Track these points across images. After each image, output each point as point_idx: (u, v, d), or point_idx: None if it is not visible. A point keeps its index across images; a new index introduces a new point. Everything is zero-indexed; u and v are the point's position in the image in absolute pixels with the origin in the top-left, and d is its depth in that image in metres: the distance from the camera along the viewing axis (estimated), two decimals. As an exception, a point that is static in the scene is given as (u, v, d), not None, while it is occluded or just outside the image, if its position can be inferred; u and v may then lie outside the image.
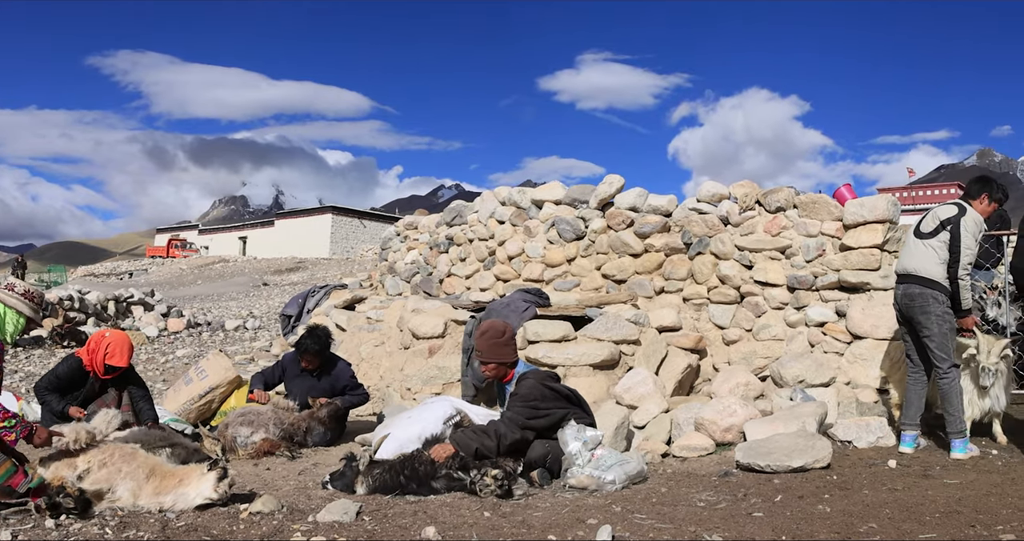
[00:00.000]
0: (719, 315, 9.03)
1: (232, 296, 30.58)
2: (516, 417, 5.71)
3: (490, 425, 5.71)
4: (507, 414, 5.78)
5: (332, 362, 8.09)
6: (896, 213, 8.30)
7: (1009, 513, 4.66)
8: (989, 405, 6.80)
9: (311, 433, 7.44)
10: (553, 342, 8.25)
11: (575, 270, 10.32)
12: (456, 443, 5.55)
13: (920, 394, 6.67)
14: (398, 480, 5.38)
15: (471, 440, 5.57)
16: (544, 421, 5.80)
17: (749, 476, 5.80)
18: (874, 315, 7.90)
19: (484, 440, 5.58)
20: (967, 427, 6.46)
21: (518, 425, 5.69)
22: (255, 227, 75.21)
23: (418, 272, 12.42)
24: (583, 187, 10.68)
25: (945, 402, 6.39)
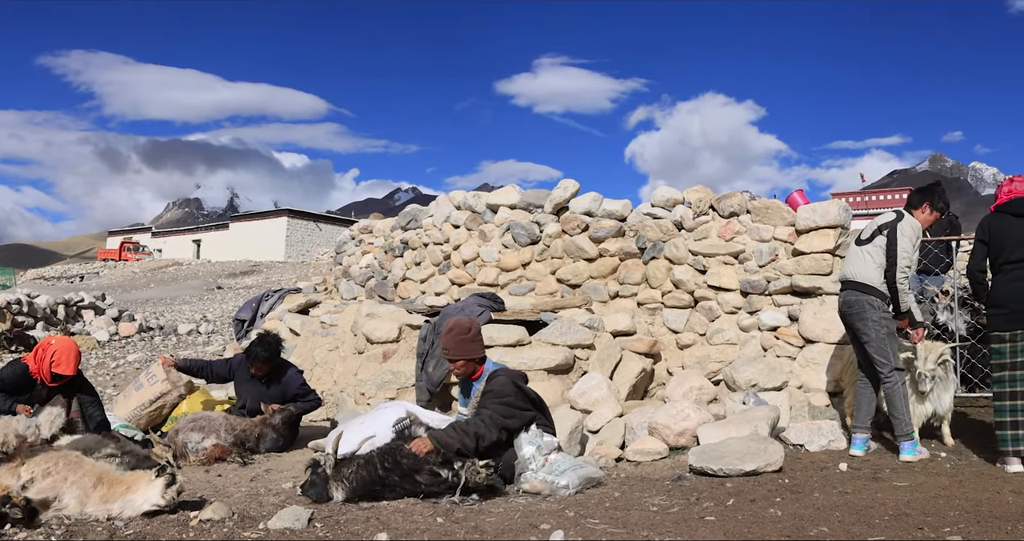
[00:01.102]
0: (673, 319, 9.07)
1: (185, 300, 30.27)
2: (495, 417, 5.66)
3: (470, 424, 5.63)
4: (484, 413, 5.70)
5: (282, 368, 8.01)
6: (848, 218, 8.38)
7: (956, 515, 4.73)
8: (931, 409, 6.92)
9: (263, 439, 7.37)
10: (508, 347, 8.24)
11: (530, 274, 10.32)
12: (437, 441, 5.46)
13: (870, 398, 6.77)
14: (377, 474, 5.30)
15: (451, 439, 5.50)
16: (517, 422, 5.78)
17: (702, 480, 5.83)
18: (826, 319, 7.97)
19: (464, 439, 5.52)
20: (915, 429, 6.54)
21: (496, 425, 5.67)
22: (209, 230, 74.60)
23: (373, 276, 12.36)
24: (538, 192, 10.69)
25: (889, 405, 6.48)
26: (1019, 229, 6.20)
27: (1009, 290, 6.15)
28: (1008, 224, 6.26)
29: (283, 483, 5.99)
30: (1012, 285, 6.15)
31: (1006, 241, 6.22)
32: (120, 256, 68.39)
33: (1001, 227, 6.29)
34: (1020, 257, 6.14)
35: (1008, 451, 6.11)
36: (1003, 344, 6.21)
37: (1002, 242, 6.24)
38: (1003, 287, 6.20)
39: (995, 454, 6.42)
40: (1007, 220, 6.29)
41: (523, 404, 5.86)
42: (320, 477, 5.35)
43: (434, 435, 5.53)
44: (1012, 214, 6.29)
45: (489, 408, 5.71)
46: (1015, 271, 6.16)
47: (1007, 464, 6.10)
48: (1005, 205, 6.36)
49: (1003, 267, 6.23)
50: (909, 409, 6.52)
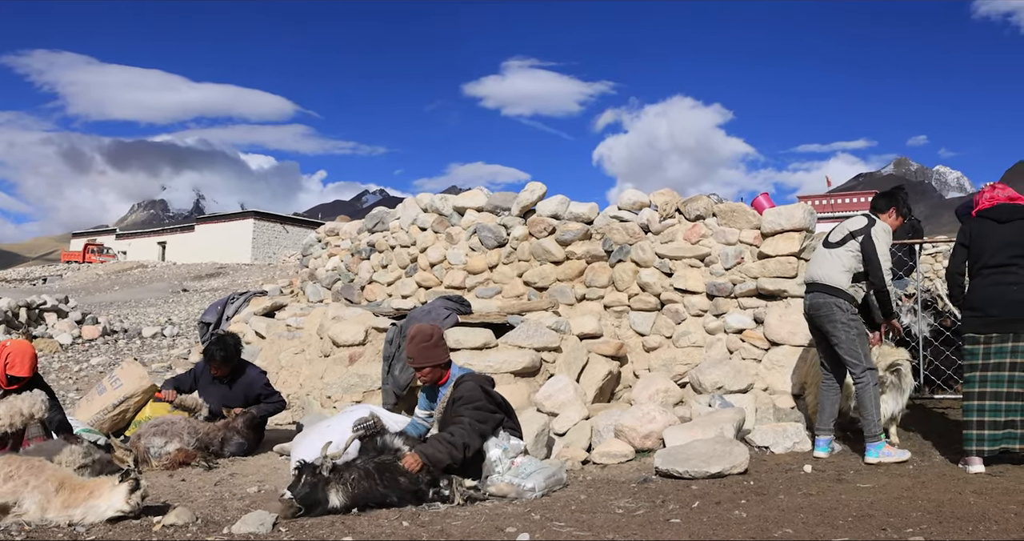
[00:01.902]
0: (640, 322, 9.09)
1: (150, 302, 29.98)
2: (474, 424, 5.65)
3: (455, 435, 5.57)
4: (464, 421, 5.66)
5: (244, 370, 7.95)
6: (812, 222, 8.44)
7: (919, 516, 4.76)
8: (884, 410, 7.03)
9: (227, 443, 7.31)
10: (474, 350, 8.22)
11: (497, 277, 10.31)
12: (427, 457, 5.39)
13: (834, 400, 6.82)
14: (379, 490, 5.21)
15: (441, 454, 5.45)
16: (490, 427, 5.77)
17: (668, 482, 5.85)
18: (791, 322, 8.03)
19: (453, 452, 5.49)
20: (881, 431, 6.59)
21: (477, 432, 5.65)
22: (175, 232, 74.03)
23: (339, 279, 12.30)
24: (505, 194, 10.68)
25: (860, 406, 6.52)
26: (1000, 235, 6.32)
27: (987, 294, 6.27)
28: (990, 229, 6.38)
29: (248, 487, 5.95)
30: (990, 289, 6.26)
31: (987, 245, 6.33)
32: (84, 258, 67.69)
33: (983, 232, 6.41)
34: (999, 262, 6.26)
35: (971, 451, 6.19)
36: (976, 345, 6.32)
37: (983, 246, 6.35)
38: (981, 291, 6.31)
39: (958, 455, 6.51)
40: (989, 225, 6.40)
41: (492, 407, 5.86)
42: (317, 478, 5.12)
43: (423, 452, 5.43)
44: (994, 220, 6.40)
45: (466, 416, 5.68)
46: (994, 275, 6.27)
47: (969, 464, 6.18)
48: (988, 210, 6.47)
49: (982, 271, 6.34)
50: (879, 410, 6.56)
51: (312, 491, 5.04)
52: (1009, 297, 6.19)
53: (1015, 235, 6.30)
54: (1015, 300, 6.18)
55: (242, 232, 65.09)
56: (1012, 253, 6.25)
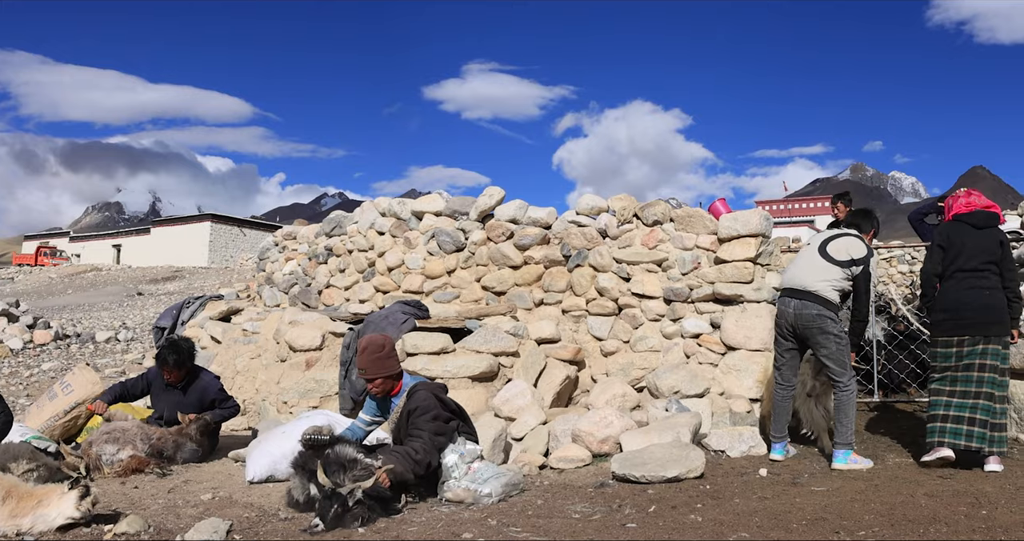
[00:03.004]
0: (597, 327, 9.11)
1: (104, 306, 29.61)
2: (434, 438, 5.62)
3: (418, 452, 5.51)
4: (422, 434, 5.62)
5: (198, 375, 7.85)
6: (768, 227, 8.51)
7: (871, 518, 4.82)
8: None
9: (181, 449, 7.21)
10: (432, 354, 8.20)
11: (455, 282, 10.29)
12: (395, 475, 5.32)
13: (788, 407, 6.89)
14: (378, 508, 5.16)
15: (408, 474, 5.42)
16: (447, 439, 5.76)
17: (625, 487, 5.86)
18: (747, 327, 8.09)
19: (416, 469, 5.47)
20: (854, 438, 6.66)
21: (435, 446, 5.63)
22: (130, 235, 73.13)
23: (296, 283, 12.22)
24: (463, 199, 10.67)
25: (840, 413, 6.55)
26: (977, 240, 6.51)
27: (961, 297, 6.45)
28: (967, 234, 6.56)
29: (202, 494, 5.88)
30: (965, 293, 6.45)
31: (964, 249, 6.51)
32: (36, 261, 66.68)
33: (960, 236, 6.58)
34: (974, 266, 6.45)
35: (934, 442, 6.39)
36: (949, 349, 6.52)
37: (960, 249, 6.52)
38: (955, 294, 6.50)
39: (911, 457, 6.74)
40: (966, 230, 6.59)
41: (448, 415, 5.85)
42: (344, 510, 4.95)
43: (394, 469, 5.34)
44: (972, 225, 6.59)
45: (424, 429, 5.64)
46: (969, 279, 6.46)
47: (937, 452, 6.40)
48: (966, 215, 6.66)
49: (956, 274, 6.52)
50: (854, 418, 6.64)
51: (339, 520, 4.90)
52: (982, 301, 6.40)
53: (990, 242, 6.51)
54: (987, 304, 6.39)
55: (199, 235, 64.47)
56: (986, 259, 6.46)
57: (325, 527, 4.79)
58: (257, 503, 5.61)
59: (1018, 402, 7.32)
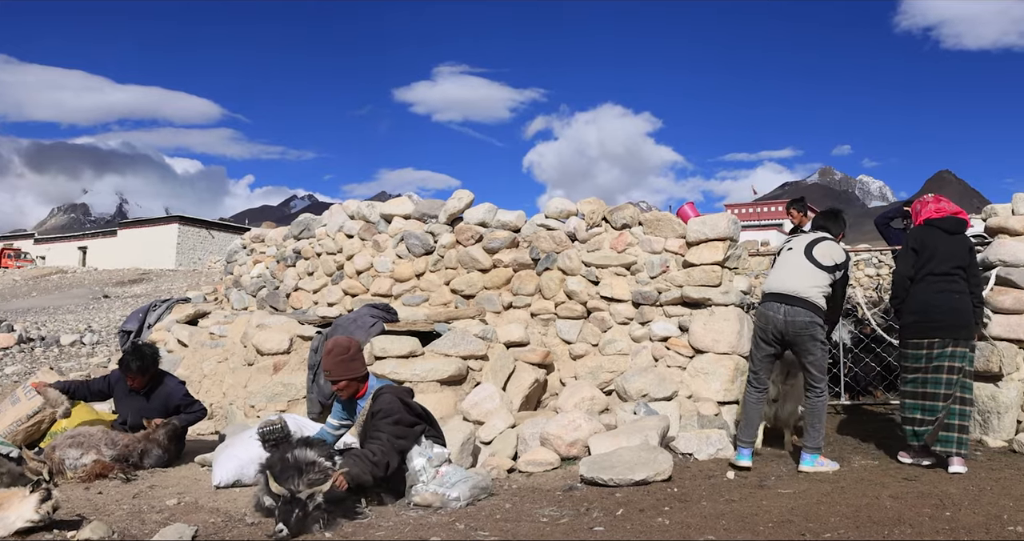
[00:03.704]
0: (566, 330, 9.12)
1: (70, 309, 29.28)
2: (392, 440, 5.61)
3: (376, 454, 5.50)
4: (382, 436, 5.61)
5: (162, 380, 7.76)
6: (736, 231, 8.56)
7: (837, 520, 4.86)
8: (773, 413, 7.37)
9: (147, 454, 7.12)
10: (400, 358, 8.18)
11: (424, 285, 10.27)
12: (351, 478, 5.30)
13: (760, 412, 6.90)
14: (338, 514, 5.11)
15: (365, 475, 5.39)
16: (410, 442, 5.74)
17: (593, 490, 5.87)
18: (715, 330, 8.12)
19: (375, 470, 5.45)
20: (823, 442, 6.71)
21: (395, 449, 5.61)
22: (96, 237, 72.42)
23: (264, 286, 12.15)
24: (432, 202, 10.66)
25: (813, 418, 6.58)
26: (948, 245, 6.68)
27: (931, 300, 6.60)
28: (939, 238, 6.72)
29: (167, 499, 5.82)
30: (935, 296, 6.60)
31: (936, 253, 6.66)
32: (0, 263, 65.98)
33: (932, 240, 6.73)
34: (945, 271, 6.61)
35: (913, 445, 6.66)
36: (920, 351, 6.66)
37: (932, 253, 6.67)
38: (925, 296, 6.64)
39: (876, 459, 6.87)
40: (938, 234, 6.74)
41: (412, 419, 5.83)
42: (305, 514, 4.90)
43: (350, 472, 5.33)
44: (944, 230, 6.75)
45: (385, 431, 5.63)
46: (939, 283, 6.61)
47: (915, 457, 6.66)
48: (938, 221, 6.82)
49: (927, 277, 6.65)
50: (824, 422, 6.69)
51: (302, 524, 4.86)
52: (951, 304, 6.57)
53: (960, 248, 6.70)
54: (956, 308, 6.56)
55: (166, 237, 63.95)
56: (955, 264, 6.63)
57: (289, 532, 4.74)
58: (224, 508, 5.56)
59: (981, 405, 7.42)
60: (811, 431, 6.57)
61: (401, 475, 5.68)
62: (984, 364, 7.40)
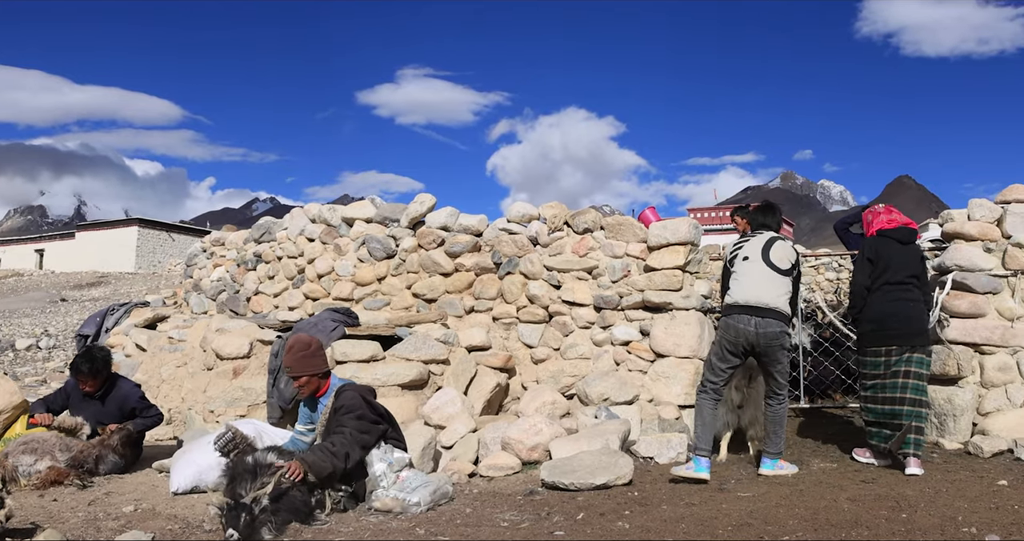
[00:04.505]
0: (528, 334, 9.12)
1: (26, 312, 28.90)
2: (355, 434, 5.59)
3: (336, 445, 5.50)
4: (344, 431, 5.60)
5: (116, 384, 7.67)
6: (697, 235, 8.59)
7: (795, 523, 4.89)
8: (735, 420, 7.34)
9: (102, 461, 7.02)
10: (361, 362, 8.14)
11: (385, 289, 10.23)
12: (308, 465, 5.30)
13: (714, 418, 6.83)
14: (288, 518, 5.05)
15: (324, 463, 5.38)
16: (372, 438, 5.72)
17: (554, 494, 5.87)
18: (676, 334, 8.15)
19: (335, 461, 5.43)
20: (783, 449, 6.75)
21: (358, 443, 5.59)
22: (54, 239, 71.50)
23: (224, 290, 12.05)
24: (394, 205, 10.62)
25: (776, 424, 6.61)
26: (902, 255, 6.89)
27: (888, 309, 6.80)
28: (893, 249, 6.91)
29: (124, 506, 5.74)
30: (891, 305, 6.81)
31: (891, 263, 6.85)
32: (-45, 267, 65.05)
33: (887, 250, 6.92)
34: (900, 280, 6.83)
35: (876, 446, 6.85)
36: (878, 358, 6.85)
37: (887, 263, 6.86)
38: (883, 305, 6.83)
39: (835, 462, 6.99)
40: (892, 245, 6.94)
41: (375, 416, 5.82)
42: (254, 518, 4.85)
43: (305, 460, 5.35)
44: (897, 240, 6.95)
45: (348, 425, 5.63)
46: (896, 292, 6.82)
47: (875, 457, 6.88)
48: (891, 231, 7.01)
49: (883, 287, 6.85)
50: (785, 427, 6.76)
51: (251, 529, 4.81)
52: (907, 312, 6.79)
53: (913, 257, 6.94)
54: (912, 315, 6.80)
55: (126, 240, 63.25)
56: (910, 273, 6.86)
57: (240, 537, 4.71)
58: (181, 515, 5.50)
59: (937, 407, 7.51)
60: (773, 437, 6.61)
61: (362, 479, 5.66)
62: (941, 368, 7.50)
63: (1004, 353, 7.57)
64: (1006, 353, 7.57)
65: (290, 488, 5.15)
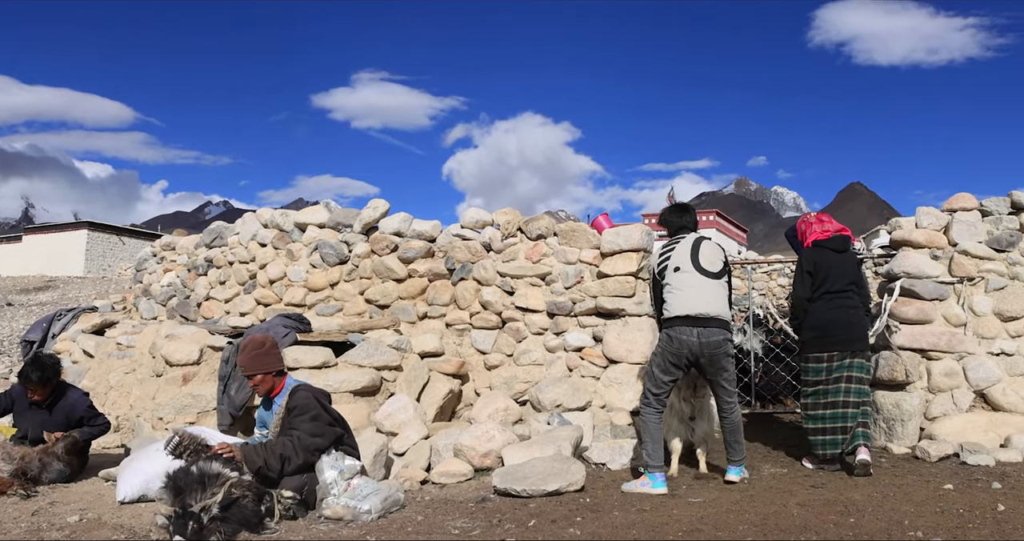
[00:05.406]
0: (481, 340, 9.11)
1: (-30, 318, 28.39)
2: (303, 439, 5.55)
3: (277, 445, 5.48)
4: (293, 434, 5.56)
5: (65, 392, 7.54)
6: (650, 242, 8.64)
7: (745, 529, 4.93)
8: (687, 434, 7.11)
9: (47, 469, 6.89)
10: (313, 369, 8.08)
11: (338, 295, 10.17)
12: (243, 455, 5.31)
13: (660, 430, 6.61)
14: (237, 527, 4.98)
15: (256, 457, 5.37)
16: (325, 441, 5.68)
17: (506, 501, 5.86)
18: (628, 340, 8.19)
19: (269, 460, 5.40)
20: None
21: (304, 448, 5.54)
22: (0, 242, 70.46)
23: (175, 295, 11.91)
24: (347, 211, 10.56)
25: (736, 432, 6.55)
26: (840, 264, 7.02)
27: (829, 316, 6.94)
28: (830, 258, 7.04)
29: (68, 516, 5.64)
30: (832, 312, 6.95)
31: (830, 273, 6.98)
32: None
33: (824, 260, 7.04)
34: (839, 288, 6.97)
35: (820, 455, 6.91)
36: (820, 364, 6.97)
37: (826, 273, 6.99)
38: (825, 314, 6.96)
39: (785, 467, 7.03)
40: (829, 255, 7.05)
41: (329, 418, 5.79)
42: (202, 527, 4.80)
43: (243, 450, 5.38)
44: (833, 250, 7.07)
45: (298, 428, 5.60)
46: (836, 300, 6.97)
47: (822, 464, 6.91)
48: (826, 241, 7.13)
49: (824, 296, 6.99)
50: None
51: (199, 537, 4.77)
52: (848, 319, 6.93)
53: (849, 265, 7.09)
54: (852, 322, 6.95)
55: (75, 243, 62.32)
56: (848, 280, 7.01)
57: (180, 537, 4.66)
58: (128, 525, 5.41)
59: (886, 412, 7.61)
60: (736, 445, 6.55)
61: (313, 487, 5.61)
62: (889, 373, 7.61)
63: (950, 359, 7.69)
64: (952, 359, 7.69)
65: (240, 497, 5.09)
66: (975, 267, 7.86)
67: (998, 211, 8.07)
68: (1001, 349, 7.73)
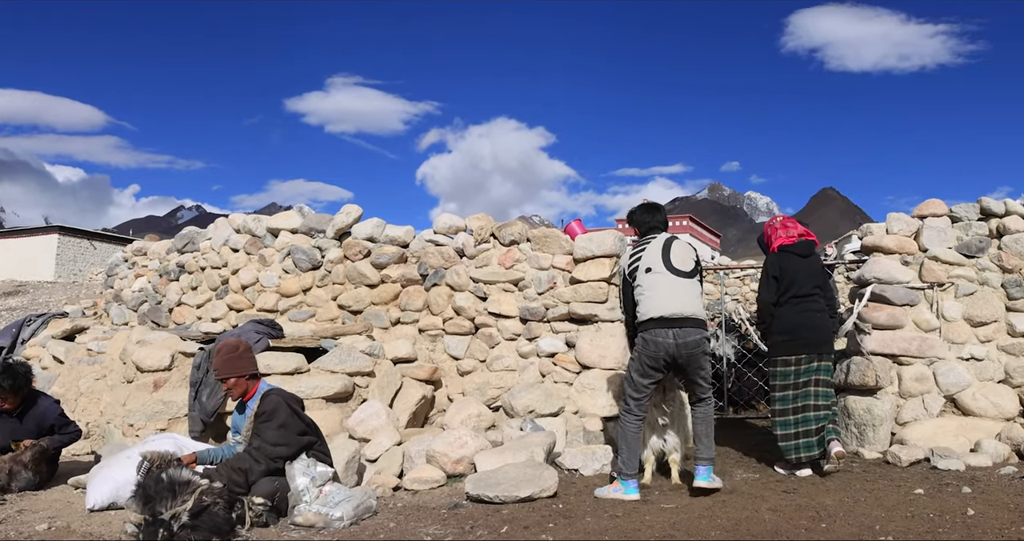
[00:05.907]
0: (454, 346, 9.09)
1: (-61, 324, 28.11)
2: (264, 448, 5.55)
3: (238, 460, 5.51)
4: (256, 442, 5.56)
5: (35, 400, 7.47)
6: (623, 248, 8.64)
7: (717, 534, 4.95)
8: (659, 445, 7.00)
9: (15, 478, 6.83)
10: (286, 375, 8.02)
11: (311, 300, 10.12)
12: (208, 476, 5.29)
13: (639, 438, 6.55)
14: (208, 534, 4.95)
15: (220, 477, 5.37)
16: (291, 450, 5.66)
17: (478, 507, 5.85)
18: (601, 346, 8.20)
19: (232, 476, 5.42)
20: None
21: (266, 457, 5.53)
22: (-31, 247, 69.73)
23: (146, 301, 11.81)
24: (320, 216, 10.52)
25: (707, 427, 6.43)
26: (806, 268, 7.10)
27: (796, 320, 7.02)
28: (795, 263, 7.11)
29: (37, 524, 5.60)
30: (800, 316, 7.02)
31: (796, 277, 7.06)
32: None
33: (790, 265, 7.11)
34: (806, 292, 7.06)
35: (792, 459, 6.94)
36: (788, 367, 7.04)
37: (792, 278, 7.06)
38: (792, 318, 7.04)
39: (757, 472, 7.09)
40: (794, 259, 7.13)
41: (302, 426, 5.77)
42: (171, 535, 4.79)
43: (207, 472, 5.39)
44: (798, 254, 7.14)
45: (262, 435, 5.59)
46: (802, 304, 7.05)
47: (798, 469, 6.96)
48: (791, 246, 7.20)
49: (791, 300, 7.06)
50: None
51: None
52: (814, 322, 7.01)
53: (815, 269, 7.15)
54: (820, 325, 7.03)
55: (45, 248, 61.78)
56: (814, 284, 7.09)
57: None
58: (97, 533, 5.38)
59: (856, 417, 7.65)
60: (706, 440, 6.40)
61: (285, 494, 5.59)
62: (860, 378, 7.65)
63: (921, 364, 7.75)
64: (923, 364, 7.75)
65: (211, 504, 5.06)
66: (945, 273, 7.93)
67: (968, 217, 8.15)
68: (971, 354, 7.80)
